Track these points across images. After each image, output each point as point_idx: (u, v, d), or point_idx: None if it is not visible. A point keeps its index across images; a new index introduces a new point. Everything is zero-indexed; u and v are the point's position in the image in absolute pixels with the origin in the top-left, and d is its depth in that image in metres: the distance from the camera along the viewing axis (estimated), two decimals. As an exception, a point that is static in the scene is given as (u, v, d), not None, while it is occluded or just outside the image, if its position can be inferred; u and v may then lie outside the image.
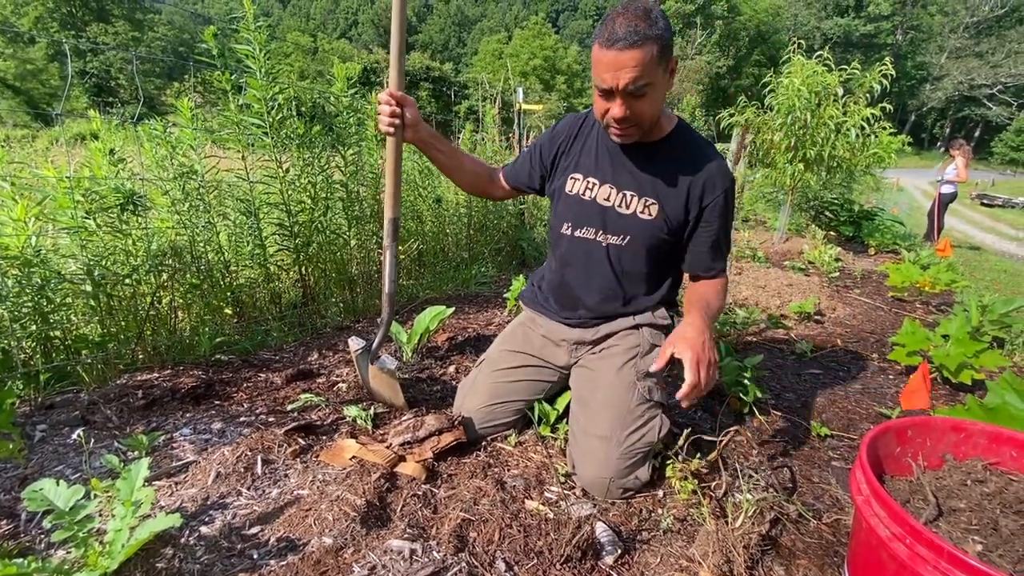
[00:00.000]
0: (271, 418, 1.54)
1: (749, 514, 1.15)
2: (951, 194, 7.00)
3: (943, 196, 6.95)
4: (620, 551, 1.09)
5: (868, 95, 4.55)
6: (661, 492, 1.32)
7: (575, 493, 1.31)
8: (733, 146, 5.58)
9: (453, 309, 2.15)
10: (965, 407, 1.35)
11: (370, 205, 2.68)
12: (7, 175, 1.67)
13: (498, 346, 1.62)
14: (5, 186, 1.65)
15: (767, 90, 4.90)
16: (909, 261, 4.02)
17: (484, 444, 1.48)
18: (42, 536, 1.07)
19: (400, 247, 2.07)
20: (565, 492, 1.31)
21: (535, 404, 1.50)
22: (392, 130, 1.35)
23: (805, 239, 5.39)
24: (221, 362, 1.93)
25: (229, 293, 2.22)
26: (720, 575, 1.05)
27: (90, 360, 1.76)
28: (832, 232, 5.98)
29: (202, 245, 2.14)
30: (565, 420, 1.51)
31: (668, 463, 1.34)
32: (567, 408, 1.51)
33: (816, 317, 2.92)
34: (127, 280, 1.90)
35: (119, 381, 1.74)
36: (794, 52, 4.72)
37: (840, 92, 4.48)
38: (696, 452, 1.36)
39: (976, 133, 39.25)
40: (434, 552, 1.06)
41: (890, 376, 2.21)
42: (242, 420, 1.53)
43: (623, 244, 1.39)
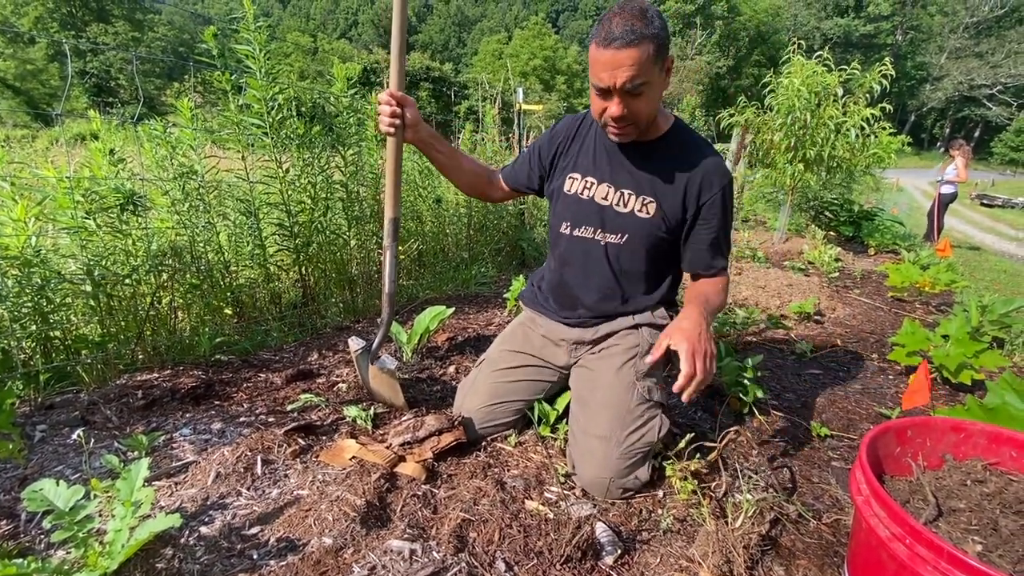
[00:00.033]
0: (271, 418, 1.54)
1: (749, 514, 1.15)
2: (951, 194, 7.00)
3: (943, 196, 6.95)
4: (620, 551, 1.09)
5: (868, 95, 4.55)
6: (661, 492, 1.32)
7: (575, 493, 1.31)
8: (733, 146, 5.58)
9: (453, 309, 2.15)
10: (965, 407, 1.35)
11: (370, 205, 2.69)
12: (7, 175, 1.67)
13: (498, 346, 1.62)
14: (5, 186, 1.65)
15: (767, 90, 4.90)
16: (909, 261, 4.02)
17: (484, 444, 1.48)
18: (42, 536, 1.07)
19: (400, 247, 2.07)
20: (565, 492, 1.31)
21: (535, 404, 1.51)
22: (392, 130, 1.36)
23: (805, 239, 5.39)
24: (221, 362, 1.93)
25: (229, 293, 2.22)
26: (720, 575, 1.05)
27: (90, 360, 1.76)
28: (832, 232, 5.99)
29: (202, 245, 2.14)
30: (565, 420, 1.51)
31: (668, 463, 1.34)
32: (567, 408, 1.51)
33: (816, 317, 2.92)
34: (127, 280, 1.90)
35: (119, 381, 1.74)
36: (794, 52, 4.72)
37: (840, 92, 4.48)
38: (696, 452, 1.36)
39: (976, 133, 39.26)
40: (434, 552, 1.06)
41: (890, 376, 2.21)
42: (242, 420, 1.53)
43: (621, 243, 1.39)
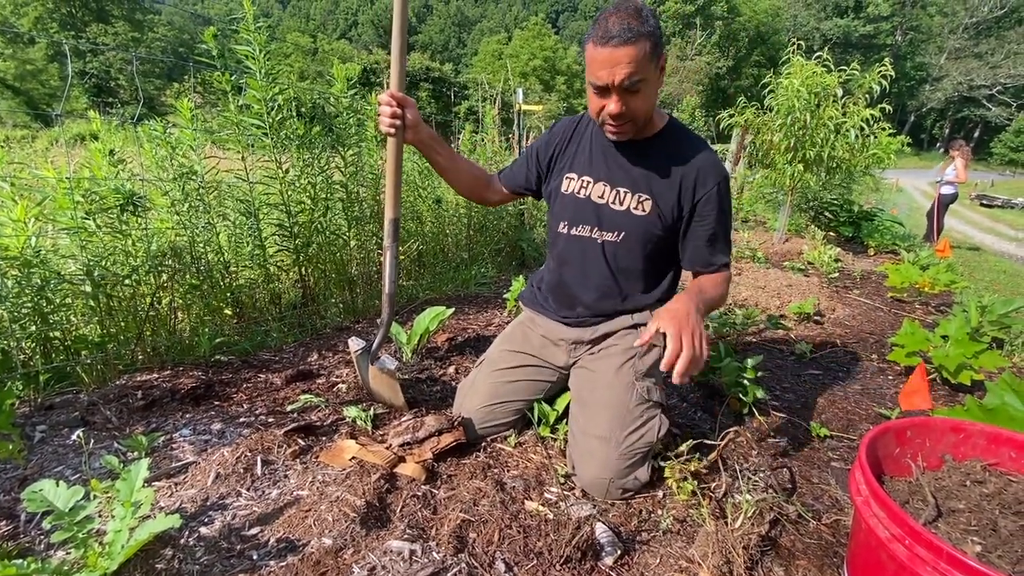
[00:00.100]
0: (271, 419, 1.54)
1: (749, 515, 1.15)
2: (951, 195, 7.00)
3: (943, 197, 6.95)
4: (620, 552, 1.09)
5: (867, 96, 4.55)
6: (661, 493, 1.32)
7: (575, 494, 1.31)
8: (733, 147, 5.59)
9: (453, 310, 2.15)
10: (964, 408, 1.35)
11: (370, 206, 2.69)
12: (7, 175, 1.67)
13: (498, 346, 1.62)
14: (5, 187, 1.65)
15: (767, 91, 4.90)
16: (908, 262, 4.02)
17: (484, 445, 1.48)
18: (42, 537, 1.07)
19: (400, 248, 2.06)
20: (565, 493, 1.31)
21: (535, 405, 1.51)
22: (393, 131, 1.36)
23: (805, 240, 5.40)
24: (221, 363, 1.93)
25: (229, 294, 2.22)
26: (719, 575, 1.05)
27: (90, 361, 1.76)
28: (832, 233, 5.99)
29: (202, 246, 2.14)
30: (565, 421, 1.51)
31: (668, 464, 1.34)
32: (567, 409, 1.51)
33: (816, 318, 2.92)
34: (127, 281, 1.90)
35: (119, 382, 1.74)
36: (793, 53, 4.72)
37: (839, 93, 4.48)
38: (696, 453, 1.36)
39: (975, 134, 39.29)
40: (434, 553, 1.06)
41: (889, 377, 2.21)
42: (242, 421, 1.53)
43: (618, 240, 1.40)
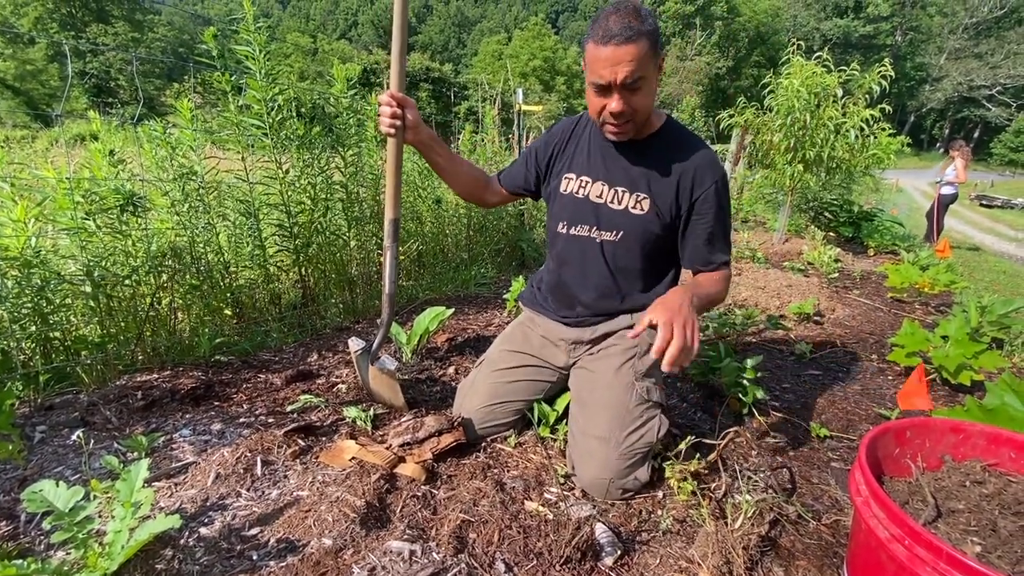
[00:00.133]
0: (271, 419, 1.55)
1: (748, 515, 1.15)
2: (951, 195, 7.01)
3: (943, 197, 6.95)
4: (620, 552, 1.09)
5: (867, 96, 4.55)
6: (660, 493, 1.32)
7: (575, 494, 1.31)
8: (732, 147, 5.59)
9: (453, 310, 2.15)
10: (964, 408, 1.35)
11: (370, 206, 2.69)
12: (7, 176, 1.67)
13: (498, 346, 1.62)
14: (5, 187, 1.65)
15: (766, 91, 4.90)
16: (908, 262, 4.02)
17: (484, 445, 1.48)
18: (41, 537, 1.07)
19: (400, 248, 2.06)
20: (565, 493, 1.31)
21: (534, 405, 1.51)
22: (393, 131, 1.36)
23: (804, 240, 5.39)
24: (221, 363, 1.93)
25: (229, 294, 2.22)
26: (719, 576, 1.05)
27: (90, 361, 1.76)
28: (831, 233, 5.99)
29: (202, 246, 2.14)
30: (565, 421, 1.51)
31: (667, 464, 1.34)
32: (567, 409, 1.51)
33: (815, 318, 2.92)
34: (127, 281, 1.90)
35: (118, 382, 1.74)
36: (793, 53, 4.72)
37: (839, 93, 4.48)
38: (696, 453, 1.36)
39: (975, 134, 39.29)
40: (434, 553, 1.06)
41: (889, 377, 2.21)
42: (242, 421, 1.53)
43: (616, 240, 1.40)
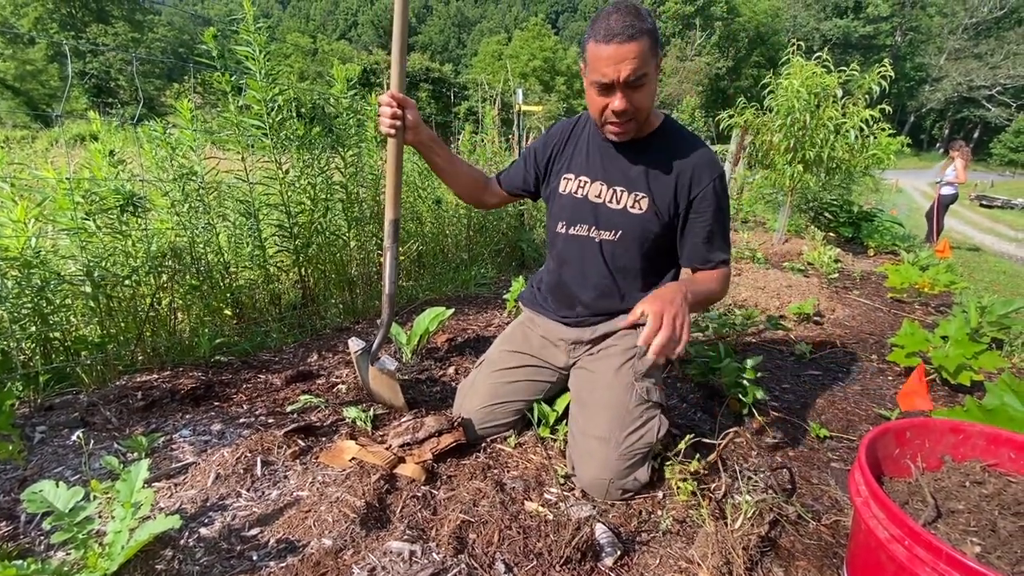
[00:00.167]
0: (270, 419, 1.54)
1: (748, 515, 1.15)
2: (952, 195, 7.01)
3: (943, 197, 6.95)
4: (619, 552, 1.09)
5: (867, 96, 4.56)
6: (660, 493, 1.32)
7: (574, 494, 1.31)
8: (732, 147, 5.59)
9: (452, 310, 2.15)
10: (964, 408, 1.36)
11: (370, 206, 2.69)
12: (7, 176, 1.67)
13: (497, 347, 1.62)
14: (5, 187, 1.65)
15: (766, 91, 4.90)
16: (908, 262, 4.02)
17: (483, 445, 1.48)
18: (41, 538, 1.07)
19: (400, 248, 2.06)
20: (564, 493, 1.31)
21: (534, 405, 1.51)
22: (393, 132, 1.36)
23: (804, 240, 5.40)
24: (220, 363, 1.93)
25: (229, 294, 2.22)
26: (719, 576, 1.05)
27: (89, 361, 1.76)
28: (831, 233, 5.99)
29: (202, 246, 2.14)
30: (565, 421, 1.51)
31: (667, 464, 1.34)
32: (567, 409, 1.51)
33: (815, 318, 2.93)
34: (127, 281, 1.90)
35: (118, 382, 1.74)
36: (793, 53, 4.72)
37: (839, 93, 4.48)
38: (695, 453, 1.36)
39: (975, 134, 39.31)
40: (434, 554, 1.06)
41: (889, 377, 2.21)
42: (241, 421, 1.53)
43: (615, 239, 1.40)
